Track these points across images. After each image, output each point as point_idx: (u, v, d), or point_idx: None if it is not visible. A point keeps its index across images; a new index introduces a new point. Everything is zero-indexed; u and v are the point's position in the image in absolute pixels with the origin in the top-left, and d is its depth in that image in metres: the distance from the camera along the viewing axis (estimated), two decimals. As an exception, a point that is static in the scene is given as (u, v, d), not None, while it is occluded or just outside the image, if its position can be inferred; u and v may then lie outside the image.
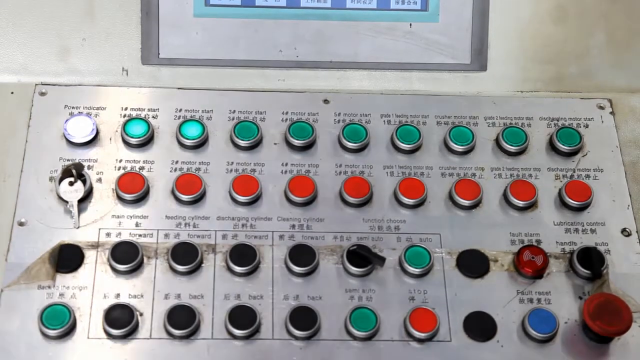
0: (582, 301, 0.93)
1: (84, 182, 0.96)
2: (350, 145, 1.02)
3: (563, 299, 0.93)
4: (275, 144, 1.02)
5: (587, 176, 1.02)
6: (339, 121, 1.04)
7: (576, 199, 0.99)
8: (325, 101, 1.06)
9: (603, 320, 0.88)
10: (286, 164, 1.01)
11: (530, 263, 0.94)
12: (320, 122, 1.04)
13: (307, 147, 1.02)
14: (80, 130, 1.00)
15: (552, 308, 0.92)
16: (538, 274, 0.94)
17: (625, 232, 0.98)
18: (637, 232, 0.98)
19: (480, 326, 0.91)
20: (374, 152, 1.03)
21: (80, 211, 0.95)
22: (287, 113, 1.04)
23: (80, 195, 0.95)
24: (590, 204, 0.99)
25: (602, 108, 1.07)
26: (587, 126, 1.05)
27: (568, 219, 0.99)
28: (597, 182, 1.01)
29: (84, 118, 1.01)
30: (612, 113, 1.07)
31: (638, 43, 1.08)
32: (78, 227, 0.95)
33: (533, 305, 0.93)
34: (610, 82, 1.08)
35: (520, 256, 0.95)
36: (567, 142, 1.03)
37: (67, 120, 1.00)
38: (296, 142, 1.01)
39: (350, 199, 0.98)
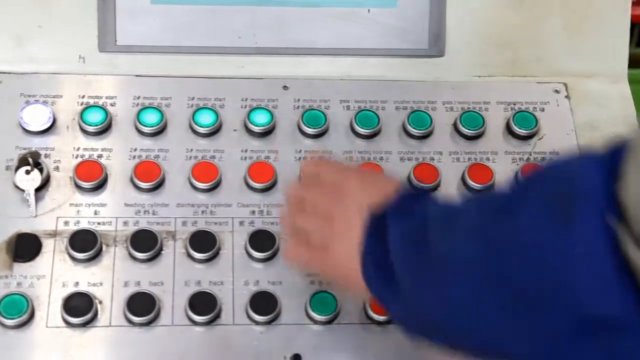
0: (539, 282, 0.94)
1: (41, 170, 0.95)
2: (309, 131, 1.02)
3: (520, 280, 0.95)
4: (234, 130, 1.02)
5: (543, 159, 1.03)
6: (298, 107, 1.04)
7: (533, 181, 1.00)
8: (285, 87, 1.06)
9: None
10: (246, 151, 1.01)
11: (488, 245, 0.95)
12: (279, 108, 1.04)
13: (267, 133, 1.02)
14: (37, 118, 0.99)
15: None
16: (496, 256, 0.96)
17: (581, 214, 1.00)
18: (592, 213, 1.00)
19: (439, 308, 0.92)
20: (333, 137, 1.03)
21: (37, 200, 0.95)
22: (246, 99, 1.04)
23: (37, 184, 0.94)
24: (547, 186, 1.01)
25: (557, 92, 1.08)
26: (543, 110, 1.07)
27: (525, 201, 1.00)
28: (553, 165, 1.02)
29: (40, 106, 1.00)
30: (567, 97, 1.08)
31: (593, 28, 1.10)
32: (35, 216, 0.94)
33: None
34: (565, 67, 1.09)
35: (478, 239, 0.96)
36: (523, 126, 1.04)
37: (22, 109, 0.99)
38: (255, 129, 1.02)
39: (310, 185, 0.98)
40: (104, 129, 1.00)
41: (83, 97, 1.02)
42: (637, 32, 1.88)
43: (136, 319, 0.89)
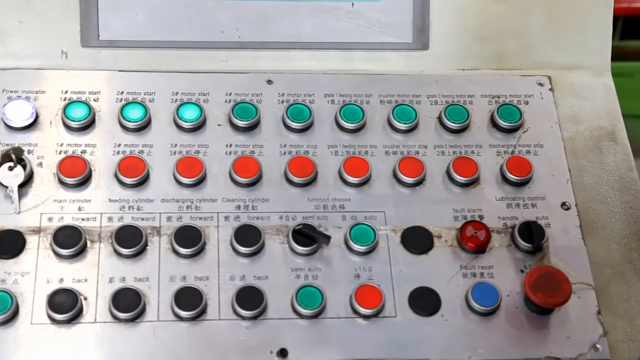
0: (523, 274, 0.94)
1: (24, 166, 0.95)
2: (294, 125, 1.02)
3: (505, 273, 0.95)
4: (219, 125, 1.02)
5: (528, 152, 1.03)
6: (282, 101, 1.04)
7: (517, 174, 1.01)
8: (269, 82, 1.06)
9: (543, 292, 0.90)
10: (230, 145, 1.01)
11: (473, 238, 0.96)
12: (264, 103, 1.04)
13: (251, 127, 1.02)
14: (19, 114, 0.98)
15: (495, 282, 0.94)
16: (481, 248, 0.96)
17: (565, 206, 1.00)
18: (576, 205, 1.00)
19: (424, 301, 0.92)
20: (318, 131, 1.03)
21: (20, 196, 0.94)
22: (230, 94, 1.04)
23: (21, 180, 0.94)
24: (531, 179, 1.01)
25: (541, 85, 1.08)
26: (527, 103, 1.07)
27: (509, 194, 1.00)
28: (537, 158, 1.03)
29: (22, 102, 0.99)
30: (551, 89, 1.08)
31: (576, 21, 1.10)
32: (19, 213, 0.93)
33: (476, 279, 0.94)
34: (549, 59, 1.10)
35: (463, 232, 0.96)
36: (507, 119, 1.04)
37: (5, 104, 0.98)
38: (240, 123, 1.01)
39: (295, 179, 0.98)
40: (88, 125, 0.99)
41: (66, 92, 1.02)
42: (620, 25, 1.90)
43: (121, 315, 0.88)
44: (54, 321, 0.88)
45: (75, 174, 0.95)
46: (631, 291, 0.96)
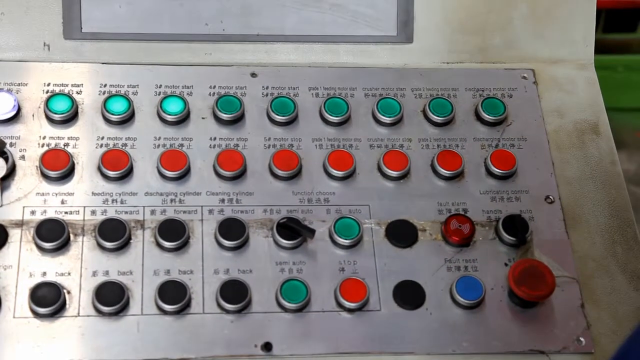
0: (507, 268, 0.95)
1: (6, 159, 0.94)
2: (278, 118, 1.02)
3: (489, 266, 0.95)
4: (203, 118, 1.01)
5: (512, 145, 1.04)
6: (267, 94, 1.04)
7: (501, 167, 1.01)
8: (253, 75, 1.05)
9: (527, 285, 0.91)
10: (214, 138, 1.00)
11: (457, 232, 0.96)
12: (248, 96, 1.03)
13: (236, 120, 1.01)
14: (1, 106, 0.97)
15: (479, 275, 0.94)
16: (465, 242, 0.96)
17: (549, 200, 1.00)
18: (559, 199, 1.01)
19: (409, 294, 0.93)
20: (302, 125, 1.03)
21: (3, 189, 0.93)
22: (214, 87, 1.04)
23: (3, 173, 0.93)
24: (515, 172, 1.01)
25: (525, 78, 1.09)
26: (511, 96, 1.07)
27: (493, 187, 1.01)
28: (521, 151, 1.03)
29: (4, 94, 0.98)
30: (535, 83, 1.09)
31: (559, 14, 1.10)
32: (1, 206, 0.93)
33: (460, 272, 0.94)
34: (532, 53, 1.10)
35: (447, 225, 0.96)
36: (491, 112, 1.04)
37: (-13, 97, 0.98)
38: (224, 116, 1.01)
39: (280, 172, 0.98)
40: (70, 117, 0.99)
41: (48, 84, 1.01)
42: (604, 18, 1.90)
43: (105, 309, 0.88)
44: (36, 315, 0.87)
45: (58, 167, 0.95)
46: (614, 284, 0.96)
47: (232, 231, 0.93)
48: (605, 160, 1.04)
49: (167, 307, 0.89)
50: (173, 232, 0.92)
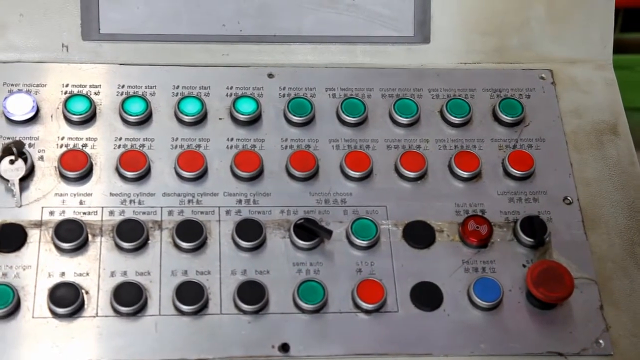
0: (525, 269, 0.94)
1: (25, 160, 0.94)
2: (295, 119, 1.02)
3: (507, 268, 0.95)
4: (220, 119, 1.02)
5: (530, 146, 1.03)
6: (284, 95, 1.04)
7: (519, 168, 1.00)
8: (270, 75, 1.05)
9: (546, 287, 0.90)
10: (231, 139, 1.00)
11: (474, 233, 0.96)
12: (265, 97, 1.03)
13: (253, 121, 1.01)
14: (20, 107, 0.98)
15: (497, 276, 0.94)
16: (483, 243, 0.96)
17: (567, 201, 1.00)
18: (578, 200, 1.00)
19: (426, 296, 0.92)
20: (319, 125, 1.03)
21: (22, 190, 0.94)
22: (231, 88, 1.04)
23: (22, 173, 0.94)
24: (533, 173, 1.01)
25: (543, 79, 1.08)
26: (528, 97, 1.07)
27: (511, 188, 1.00)
28: (539, 152, 1.03)
29: (23, 95, 0.99)
30: (553, 83, 1.08)
31: (576, 14, 1.10)
32: (20, 206, 0.93)
33: (478, 274, 0.94)
34: (550, 53, 1.09)
35: (465, 226, 0.96)
36: (509, 113, 1.04)
37: (6, 98, 0.98)
38: (241, 117, 1.01)
39: (297, 173, 0.98)
40: (89, 118, 0.99)
41: (67, 85, 1.01)
42: (622, 17, 1.89)
43: (123, 309, 0.88)
44: (55, 315, 0.88)
45: (77, 167, 0.95)
46: (634, 286, 0.96)
47: (250, 232, 0.93)
48: (624, 161, 1.03)
49: (185, 308, 0.89)
50: (190, 233, 0.93)
